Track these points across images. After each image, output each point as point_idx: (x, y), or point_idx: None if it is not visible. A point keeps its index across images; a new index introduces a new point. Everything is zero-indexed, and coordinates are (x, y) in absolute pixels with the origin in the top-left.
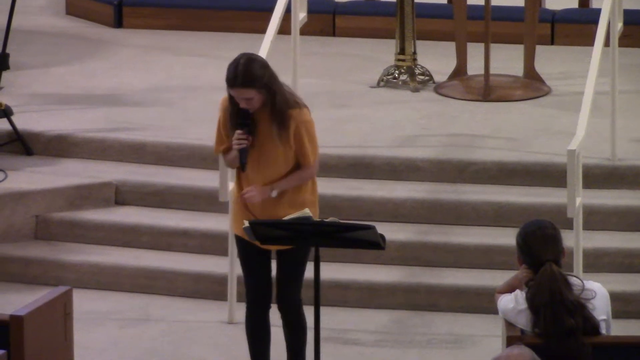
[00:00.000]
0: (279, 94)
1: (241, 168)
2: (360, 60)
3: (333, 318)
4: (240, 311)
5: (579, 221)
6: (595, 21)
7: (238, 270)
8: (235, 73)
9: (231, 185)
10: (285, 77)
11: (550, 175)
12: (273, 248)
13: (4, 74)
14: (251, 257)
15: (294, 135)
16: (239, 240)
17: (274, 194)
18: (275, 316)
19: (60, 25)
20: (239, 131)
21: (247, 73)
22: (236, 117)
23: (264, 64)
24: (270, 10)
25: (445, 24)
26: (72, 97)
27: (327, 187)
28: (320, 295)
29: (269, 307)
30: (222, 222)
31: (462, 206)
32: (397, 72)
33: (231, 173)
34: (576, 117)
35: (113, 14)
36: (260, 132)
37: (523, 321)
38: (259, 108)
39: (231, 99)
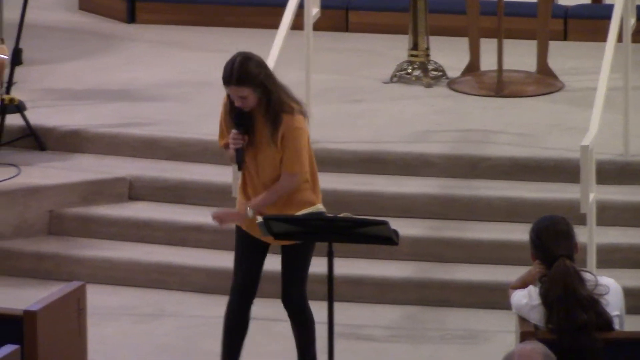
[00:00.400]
0: (274, 95)
1: (237, 167)
2: (373, 56)
3: (346, 313)
4: (254, 307)
5: (592, 217)
6: (608, 17)
7: None
8: (230, 71)
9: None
10: (298, 73)
11: (563, 170)
12: (277, 243)
13: (17, 69)
14: (248, 246)
15: (281, 140)
16: (238, 229)
17: (250, 213)
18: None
19: (73, 20)
20: (234, 131)
21: (242, 71)
22: (232, 116)
23: (260, 63)
24: (283, 5)
25: (458, 19)
26: (85, 93)
27: (340, 182)
28: (333, 290)
29: (252, 301)
30: None
31: (475, 202)
32: (410, 67)
33: None
34: (589, 112)
35: (125, 9)
36: (257, 132)
37: (536, 317)
38: (256, 108)
39: (229, 97)
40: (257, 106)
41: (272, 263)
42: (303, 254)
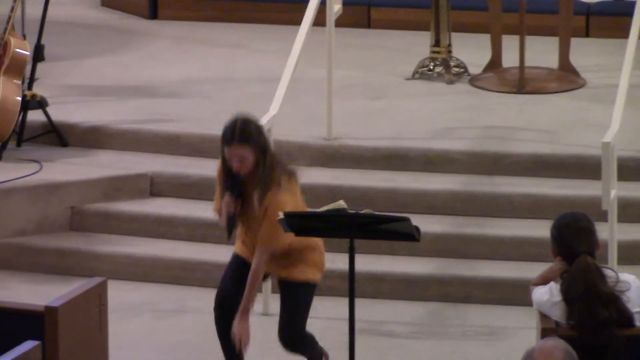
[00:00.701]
0: (267, 162)
1: (229, 233)
2: (395, 52)
3: (368, 310)
4: (276, 302)
5: (613, 213)
6: (630, 14)
7: None
8: (232, 130)
9: None
10: (320, 69)
11: (584, 167)
12: (275, 275)
13: (39, 65)
14: (238, 270)
15: (263, 213)
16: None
17: (252, 307)
18: None
19: (95, 16)
20: (227, 195)
21: (245, 130)
22: (227, 182)
23: (259, 126)
24: (305, 2)
25: (480, 16)
26: (106, 89)
27: (362, 179)
28: (355, 286)
29: (232, 314)
30: None
31: (497, 198)
32: (432, 64)
33: None
34: (611, 109)
35: (148, 5)
36: (248, 199)
37: (557, 313)
38: (248, 175)
39: (224, 163)
40: (250, 173)
41: None
42: (303, 294)
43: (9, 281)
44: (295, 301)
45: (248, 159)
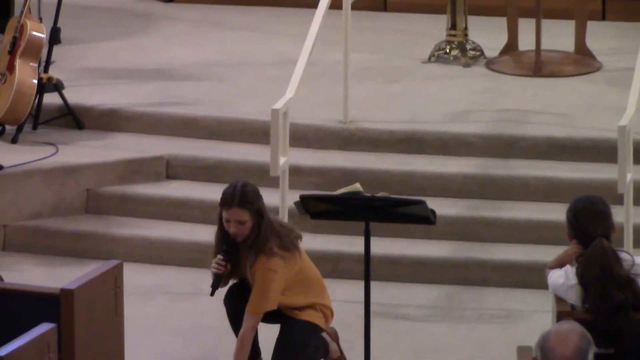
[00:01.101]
0: (263, 228)
1: (212, 291)
2: (411, 36)
3: (383, 293)
4: None
5: (629, 197)
6: None
7: None
8: (232, 194)
9: (282, 160)
10: (336, 53)
11: (600, 151)
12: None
13: (56, 48)
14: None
15: (253, 278)
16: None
17: None
18: None
19: (111, 0)
20: (219, 256)
21: (244, 194)
22: (222, 243)
23: (258, 192)
24: None
25: None
26: (123, 72)
27: (378, 162)
28: (370, 269)
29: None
30: (273, 197)
31: (513, 181)
32: (448, 47)
33: (282, 149)
34: (627, 93)
35: None
36: (241, 264)
37: (573, 296)
38: (243, 241)
39: (221, 225)
40: (246, 238)
41: (316, 242)
42: (307, 327)
43: (24, 264)
44: (295, 334)
45: (246, 224)
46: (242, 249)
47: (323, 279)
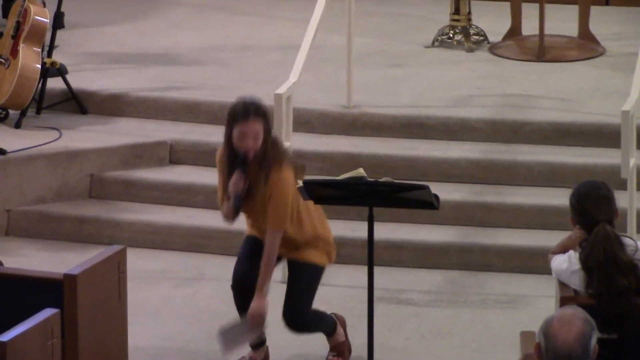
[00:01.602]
0: (271, 144)
1: (235, 213)
2: (414, 20)
3: (387, 278)
4: None
5: (632, 182)
6: None
7: None
8: (246, 106)
9: (285, 145)
10: (339, 37)
11: (604, 135)
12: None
13: (59, 32)
14: (252, 249)
15: (269, 195)
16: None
17: (266, 292)
18: None
19: None
20: (237, 173)
21: (258, 106)
22: (234, 161)
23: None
24: None
25: None
26: (126, 56)
27: (382, 147)
28: (374, 254)
29: (251, 296)
30: None
31: (516, 166)
32: (451, 32)
33: (285, 133)
34: (630, 77)
35: None
36: (252, 182)
37: (576, 282)
38: (255, 155)
39: (229, 147)
40: (256, 155)
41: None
42: (311, 276)
43: (28, 249)
44: (302, 282)
45: (259, 135)
46: (252, 168)
47: None
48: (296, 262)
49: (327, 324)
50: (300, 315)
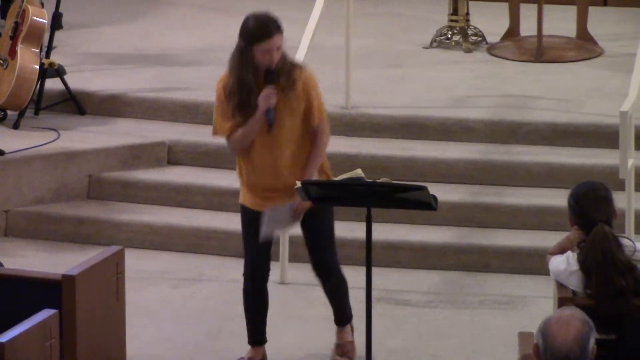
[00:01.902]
0: (285, 51)
1: (269, 125)
2: (413, 21)
3: (385, 279)
4: (293, 271)
5: (630, 182)
6: None
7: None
8: (267, 23)
9: None
10: (338, 38)
11: (602, 136)
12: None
13: (57, 33)
14: (256, 226)
15: (303, 94)
16: (244, 208)
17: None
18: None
19: None
20: (268, 88)
21: (276, 19)
22: (251, 81)
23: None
24: None
25: None
26: (125, 57)
27: (380, 147)
28: (372, 255)
29: (267, 280)
30: None
31: (515, 167)
32: (450, 32)
33: None
34: (629, 78)
35: None
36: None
37: (574, 282)
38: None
39: (250, 65)
40: (277, 64)
41: None
42: (326, 224)
43: (26, 249)
44: (325, 226)
45: (281, 47)
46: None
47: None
48: (310, 212)
49: (349, 306)
50: (330, 258)
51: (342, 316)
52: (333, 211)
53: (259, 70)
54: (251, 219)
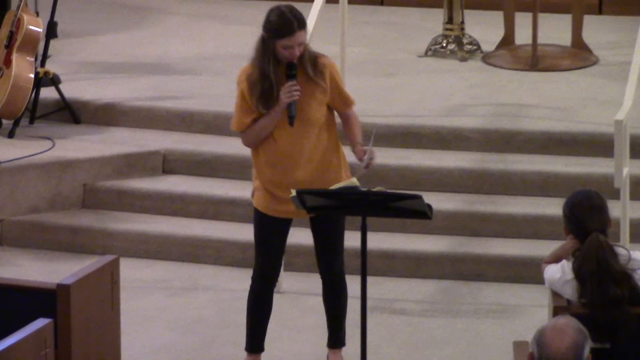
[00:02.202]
0: (306, 42)
1: (290, 122)
2: (408, 30)
3: (380, 288)
4: (288, 280)
5: (625, 191)
6: None
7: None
8: (289, 19)
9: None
10: (333, 46)
11: (597, 145)
12: (300, 216)
13: (52, 42)
14: (269, 230)
15: (330, 81)
16: (257, 212)
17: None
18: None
19: None
20: (290, 83)
21: (299, 15)
22: (285, 70)
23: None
24: None
25: None
26: (120, 66)
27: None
28: (367, 264)
29: (274, 285)
30: None
31: (510, 176)
32: (445, 41)
33: None
34: (624, 86)
35: None
36: (301, 84)
37: (569, 291)
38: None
39: (271, 59)
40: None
41: (304, 237)
42: (338, 227)
43: (21, 258)
44: (338, 231)
45: (304, 42)
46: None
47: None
48: (319, 222)
49: (344, 322)
50: (339, 261)
51: (339, 332)
52: (345, 219)
53: (281, 63)
54: (265, 223)
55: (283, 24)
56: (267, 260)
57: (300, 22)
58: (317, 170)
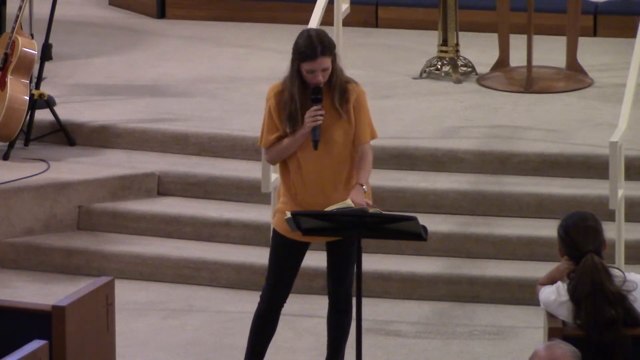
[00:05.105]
0: (339, 67)
1: (314, 146)
2: (402, 52)
3: (375, 309)
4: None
5: (620, 213)
6: (637, 13)
7: None
8: (314, 44)
9: (274, 177)
10: None
11: (592, 167)
12: (317, 240)
13: (47, 64)
14: (286, 253)
15: (354, 109)
16: (276, 233)
17: (365, 188)
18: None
19: (102, 15)
20: (315, 108)
21: (325, 40)
22: (301, 93)
23: (328, 35)
24: (313, 1)
25: (488, 15)
26: (114, 88)
27: (370, 178)
28: (362, 286)
29: (282, 306)
30: (265, 213)
31: (505, 197)
32: (439, 63)
33: (273, 165)
34: (618, 108)
35: (156, 5)
36: (327, 109)
37: (564, 313)
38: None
39: (296, 80)
40: (326, 81)
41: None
42: (353, 249)
43: (16, 280)
44: (353, 254)
45: (329, 69)
46: (325, 97)
47: (315, 295)
48: (335, 243)
49: (344, 346)
50: (349, 286)
51: (337, 353)
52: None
53: (309, 86)
54: (283, 245)
55: (306, 48)
56: (279, 282)
57: (324, 48)
58: (344, 192)
